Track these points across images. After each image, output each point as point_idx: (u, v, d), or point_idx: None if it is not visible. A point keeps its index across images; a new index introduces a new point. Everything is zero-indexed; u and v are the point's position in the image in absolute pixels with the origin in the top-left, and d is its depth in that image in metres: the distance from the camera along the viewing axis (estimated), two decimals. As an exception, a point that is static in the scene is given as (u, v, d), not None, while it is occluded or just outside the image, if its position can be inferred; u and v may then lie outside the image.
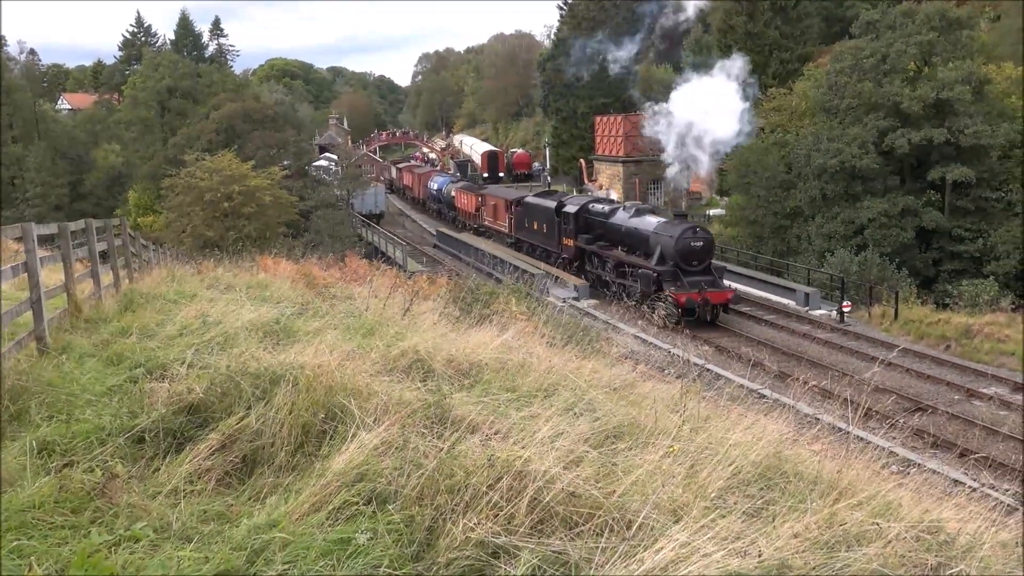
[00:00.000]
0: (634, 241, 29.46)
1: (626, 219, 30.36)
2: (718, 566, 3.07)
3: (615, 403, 6.43)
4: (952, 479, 10.73)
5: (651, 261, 27.45)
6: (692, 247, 26.81)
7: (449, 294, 12.77)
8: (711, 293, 26.38)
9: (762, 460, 5.11)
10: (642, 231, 29.00)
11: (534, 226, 37.63)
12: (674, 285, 26.30)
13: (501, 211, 42.45)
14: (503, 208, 42.09)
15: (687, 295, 25.86)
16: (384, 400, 4.99)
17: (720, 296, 26.73)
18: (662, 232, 27.64)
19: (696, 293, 25.97)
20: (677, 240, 26.63)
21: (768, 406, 8.48)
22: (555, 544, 3.53)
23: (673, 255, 26.72)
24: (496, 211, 43.40)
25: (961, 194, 34.33)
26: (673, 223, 28.02)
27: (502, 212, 42.14)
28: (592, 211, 32.92)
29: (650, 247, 27.99)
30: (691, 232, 27.10)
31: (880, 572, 3.28)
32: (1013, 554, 4.38)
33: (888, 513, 4.16)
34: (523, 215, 39.01)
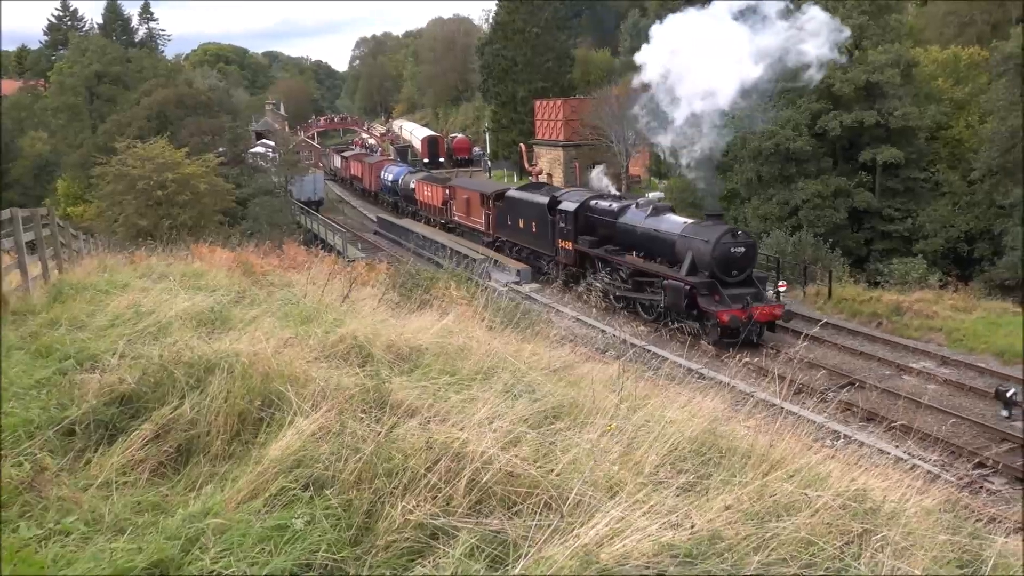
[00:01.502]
0: (654, 246, 24.80)
1: (641, 219, 25.56)
2: (652, 539, 3.14)
3: (554, 384, 6.50)
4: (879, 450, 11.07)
5: (680, 270, 22.88)
6: (732, 254, 22.21)
7: (389, 280, 12.72)
8: (758, 309, 21.76)
9: (697, 436, 5.22)
10: (665, 234, 24.29)
11: (520, 224, 32.89)
12: (712, 299, 21.88)
13: (476, 206, 38.18)
14: (478, 203, 37.84)
15: (730, 312, 21.23)
16: (322, 386, 4.96)
17: (768, 312, 22.01)
18: (694, 236, 22.99)
19: (741, 309, 21.37)
20: (715, 245, 21.96)
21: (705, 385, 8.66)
22: (493, 524, 3.56)
23: (709, 263, 22.10)
24: (470, 206, 39.09)
25: (891, 175, 35.24)
26: (706, 225, 23.38)
27: (477, 207, 38.00)
28: (596, 209, 27.96)
29: (677, 253, 23.43)
30: (731, 236, 22.39)
31: (807, 539, 3.38)
32: (936, 520, 4.56)
33: (817, 484, 4.28)
34: (505, 212, 34.39)
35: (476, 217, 38.13)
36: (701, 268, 22.39)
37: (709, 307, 21.62)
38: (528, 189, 34.67)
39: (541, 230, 30.89)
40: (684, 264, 22.74)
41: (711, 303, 21.64)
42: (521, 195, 33.77)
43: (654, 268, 24.31)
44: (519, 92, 65.24)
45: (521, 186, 36.32)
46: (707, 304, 21.71)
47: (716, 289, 21.98)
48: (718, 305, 21.54)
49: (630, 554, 3.01)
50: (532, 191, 33.73)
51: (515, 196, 34.03)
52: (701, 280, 22.16)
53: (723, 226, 23.26)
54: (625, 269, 25.50)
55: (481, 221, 37.53)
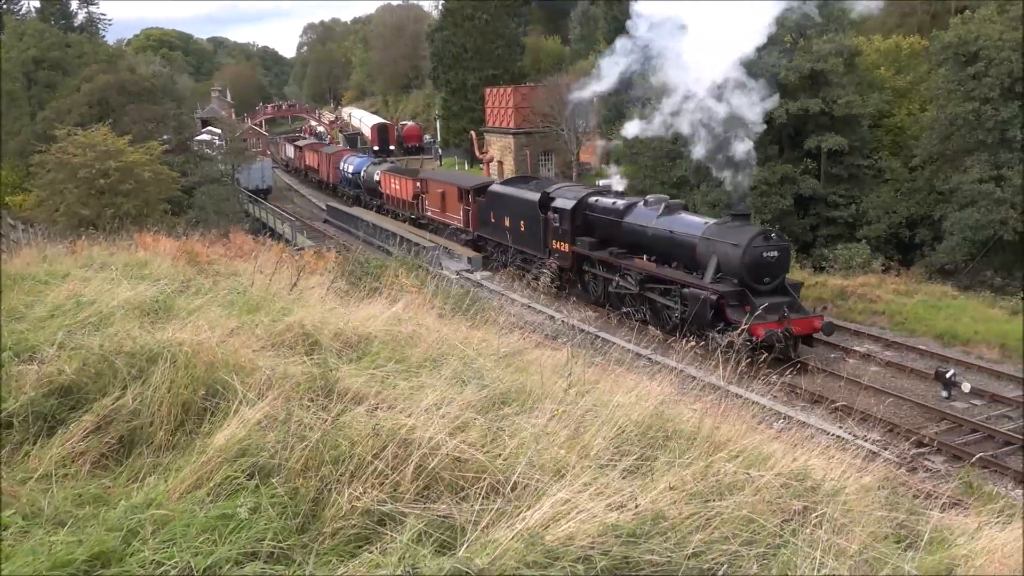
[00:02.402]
0: (668, 248, 22.39)
1: (652, 219, 22.99)
2: (596, 520, 3.18)
3: (503, 370, 6.53)
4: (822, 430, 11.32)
5: (703, 277, 20.63)
6: (765, 259, 19.80)
7: (338, 268, 12.61)
8: (795, 321, 19.49)
9: (644, 419, 5.28)
10: (683, 236, 21.82)
11: (505, 222, 29.91)
12: (741, 310, 19.22)
13: (453, 201, 35.31)
14: (456, 197, 34.96)
15: (766, 325, 18.60)
16: (268, 375, 4.92)
17: (806, 324, 19.67)
18: (719, 238, 20.58)
19: (777, 322, 18.98)
20: (746, 250, 19.61)
21: (654, 369, 8.75)
22: (441, 508, 3.58)
23: (738, 269, 19.79)
24: (446, 201, 36.20)
25: (835, 162, 35.81)
26: (732, 226, 20.81)
27: (454, 203, 35.14)
28: (597, 207, 25.41)
29: (698, 258, 21.12)
30: (762, 239, 19.98)
31: (748, 517, 3.45)
32: (874, 497, 4.68)
33: (760, 463, 4.38)
34: (488, 208, 31.60)
35: (453, 213, 35.20)
36: (727, 274, 20.05)
37: (740, 319, 18.33)
38: (515, 183, 31.64)
39: (531, 229, 28.06)
40: (708, 270, 20.35)
41: (741, 315, 18.67)
42: (507, 190, 30.70)
43: (671, 274, 21.56)
44: (469, 79, 64.96)
45: (507, 180, 33.21)
46: (737, 316, 18.85)
47: (747, 299, 19.52)
48: (750, 317, 18.29)
49: (575, 535, 3.05)
50: (520, 186, 30.86)
51: (500, 191, 31.09)
52: (730, 289, 19.70)
53: (753, 227, 20.81)
54: (634, 275, 22.87)
55: (459, 217, 34.51)
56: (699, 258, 20.98)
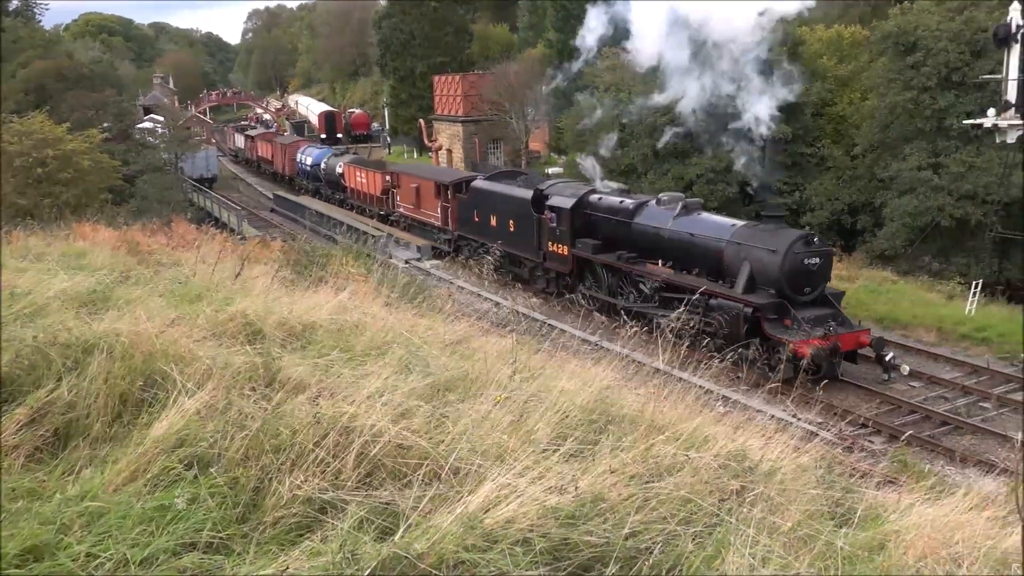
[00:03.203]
0: (688, 253, 20.03)
1: (668, 220, 20.67)
2: (536, 503, 3.21)
3: (449, 358, 6.54)
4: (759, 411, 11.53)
5: (733, 287, 18.41)
6: (806, 267, 17.68)
7: (283, 257, 12.49)
8: (843, 336, 17.20)
9: (588, 404, 5.34)
10: (705, 239, 19.54)
11: (491, 221, 27.53)
12: (781, 325, 17.34)
13: (428, 197, 32.74)
14: (432, 193, 32.35)
15: (811, 342, 16.31)
16: (208, 365, 4.86)
17: (852, 340, 17.42)
18: (752, 243, 18.37)
19: (823, 338, 16.64)
20: (785, 256, 17.44)
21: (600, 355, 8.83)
22: (383, 495, 3.58)
23: (777, 279, 17.59)
24: (420, 197, 33.56)
25: (779, 150, 36.40)
26: (766, 229, 18.63)
27: (430, 199, 32.54)
28: (601, 206, 22.98)
29: (725, 265, 18.86)
30: (803, 244, 17.84)
31: (686, 497, 3.52)
32: (811, 476, 4.79)
33: (701, 445, 4.45)
34: (471, 205, 29.13)
35: (430, 210, 32.66)
36: (762, 284, 17.92)
37: (780, 335, 16.89)
38: (501, 179, 29.22)
39: (522, 230, 25.65)
40: (739, 279, 18.13)
41: (782, 330, 17.06)
42: (493, 186, 28.21)
43: (695, 283, 18.79)
44: (418, 67, 64.57)
45: (492, 175, 30.41)
46: (776, 331, 17.10)
47: (787, 312, 17.45)
48: (792, 333, 16.81)
49: (515, 519, 3.08)
50: (507, 181, 28.51)
51: (485, 188, 28.61)
52: (767, 300, 17.53)
53: (791, 231, 18.77)
54: (649, 282, 20.60)
55: (437, 215, 32.02)
56: (727, 265, 18.71)
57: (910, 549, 3.80)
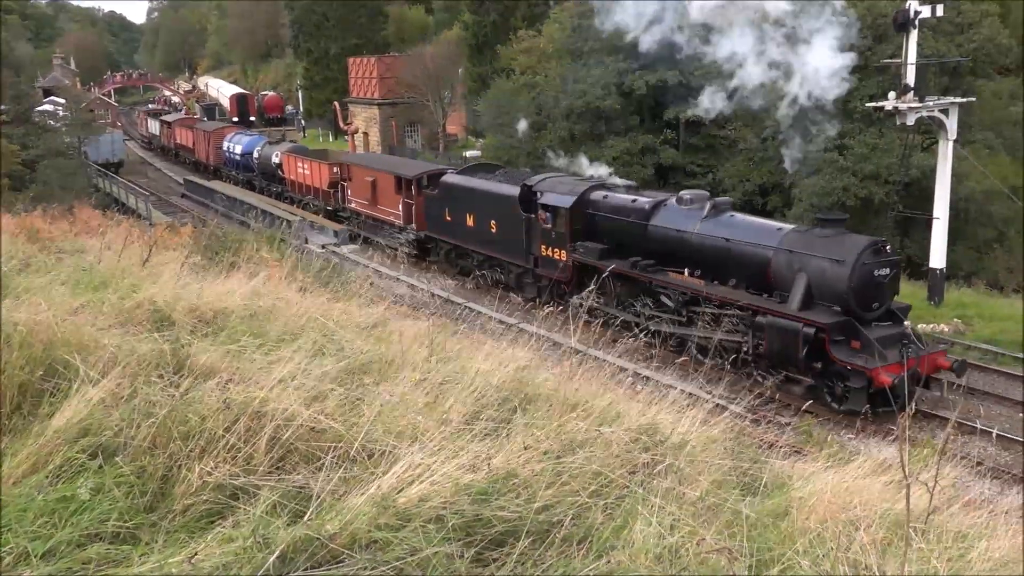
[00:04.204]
0: (722, 262, 17.25)
1: (695, 222, 17.81)
2: (449, 481, 3.23)
3: (364, 341, 6.51)
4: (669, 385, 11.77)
5: (784, 302, 15.70)
6: (876, 279, 15.13)
7: (194, 243, 12.19)
8: (920, 359, 14.83)
9: (504, 384, 5.39)
10: (746, 246, 16.77)
11: (468, 221, 24.06)
12: (849, 348, 14.81)
13: (388, 192, 29.04)
14: (393, 188, 28.62)
15: (892, 369, 14.13)
16: (113, 352, 4.73)
17: (932, 363, 15.06)
18: (809, 251, 15.71)
19: (900, 363, 14.32)
20: (855, 267, 14.88)
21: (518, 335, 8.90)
22: (296, 479, 3.56)
23: (844, 293, 14.98)
24: (377, 192, 29.78)
25: (693, 132, 37.08)
26: (825, 235, 15.73)
27: (390, 194, 28.88)
28: (606, 205, 20.11)
29: (774, 276, 16.12)
30: (873, 253, 15.16)
31: (597, 471, 3.59)
32: (720, 448, 4.94)
33: (612, 421, 4.54)
34: (442, 202, 25.56)
35: (388, 207, 29.14)
36: (821, 299, 15.34)
37: (851, 360, 14.49)
38: (478, 173, 25.74)
39: (507, 231, 22.53)
40: (794, 293, 15.49)
41: (851, 354, 14.65)
42: (469, 181, 24.66)
43: (738, 297, 16.46)
44: (332, 49, 63.65)
45: (466, 169, 27.11)
46: (846, 356, 14.63)
47: (856, 332, 14.86)
48: (866, 358, 14.38)
49: (428, 497, 3.10)
50: (485, 175, 25.03)
51: (459, 183, 25.06)
52: (835, 319, 14.89)
53: (857, 237, 16.13)
54: (675, 294, 17.85)
55: (397, 212, 28.50)
56: (776, 276, 16.04)
57: (812, 514, 3.96)
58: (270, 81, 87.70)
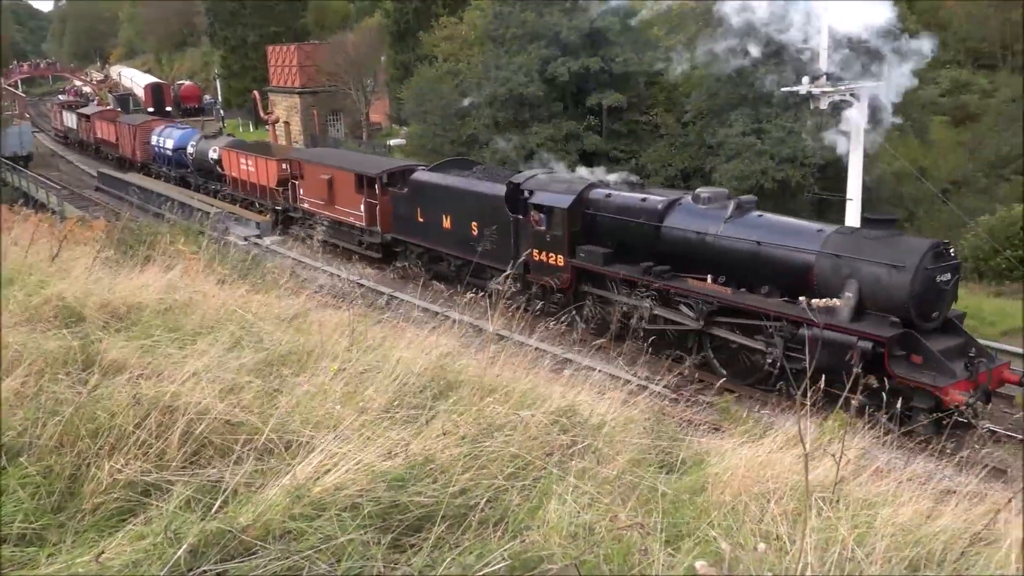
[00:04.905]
0: (753, 268, 15.68)
1: (718, 222, 16.22)
2: (366, 468, 3.23)
3: (284, 332, 6.42)
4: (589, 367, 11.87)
5: (833, 312, 13.83)
6: (938, 285, 13.80)
7: (107, 237, 11.84)
8: (985, 373, 13.35)
9: (426, 372, 5.39)
10: (781, 249, 15.23)
11: (444, 223, 22.07)
12: (909, 363, 13.38)
13: (347, 191, 26.64)
14: (353, 186, 26.25)
15: (963, 385, 12.85)
16: (18, 351, 4.58)
17: (997, 377, 13.66)
18: (860, 255, 14.19)
19: (970, 379, 13.03)
20: (916, 273, 13.46)
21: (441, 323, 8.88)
22: (211, 473, 3.50)
23: (904, 303, 13.53)
24: (335, 191, 27.26)
25: (615, 118, 37.45)
26: (876, 236, 14.30)
27: (349, 193, 26.52)
28: (611, 204, 18.33)
29: (818, 284, 14.50)
30: (934, 257, 13.75)
31: (515, 454, 3.62)
32: (639, 427, 5.03)
33: (532, 404, 4.58)
34: (413, 202, 23.38)
35: (348, 207, 26.67)
36: (875, 308, 13.88)
37: (916, 377, 13.00)
38: (452, 169, 23.64)
39: (492, 234, 19.74)
40: (844, 303, 14.00)
41: (913, 370, 13.20)
42: (444, 180, 22.52)
43: (775, 307, 14.95)
44: (250, 37, 62.39)
45: (438, 165, 24.75)
46: (908, 372, 13.15)
47: (919, 345, 13.39)
48: (933, 374, 12.90)
49: (344, 485, 3.08)
50: (460, 172, 23.00)
51: (432, 181, 22.83)
52: (895, 332, 13.40)
53: (915, 240, 15.10)
54: (699, 304, 16.18)
55: (359, 213, 26.06)
56: (820, 283, 14.47)
57: (727, 488, 4.07)
58: (186, 70, 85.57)
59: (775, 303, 15.07)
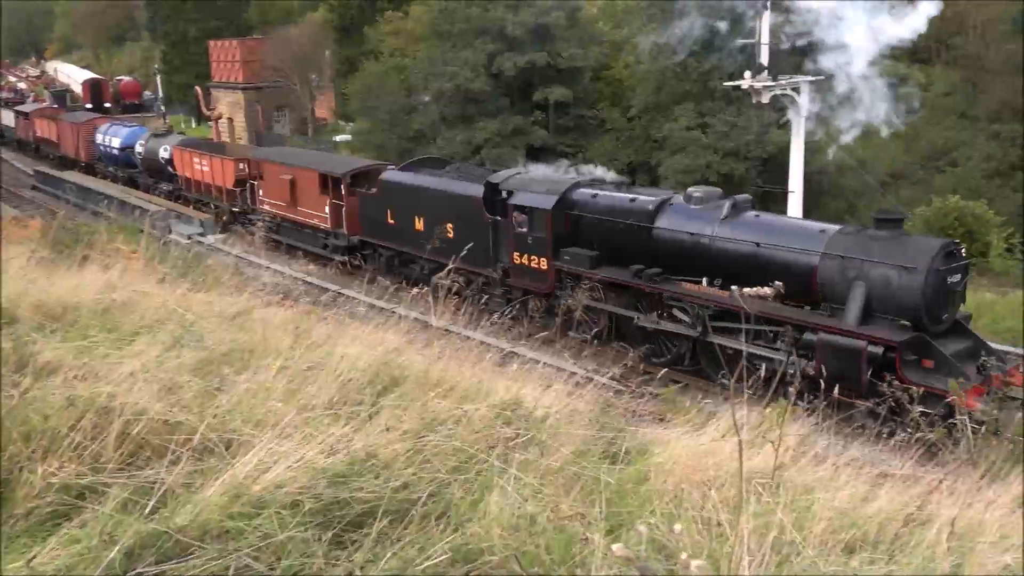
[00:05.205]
0: (752, 271, 14.99)
1: (713, 223, 15.63)
2: (307, 466, 3.20)
3: (226, 331, 6.34)
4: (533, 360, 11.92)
5: (835, 315, 13.83)
6: (949, 287, 13.47)
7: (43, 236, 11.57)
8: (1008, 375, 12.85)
9: (371, 368, 5.36)
10: (782, 251, 14.70)
11: (416, 225, 20.88)
12: (920, 368, 12.95)
13: (310, 192, 25.31)
14: (317, 187, 24.94)
15: (978, 391, 12.19)
16: (-56, 355, 4.46)
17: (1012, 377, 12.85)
18: (868, 256, 13.70)
19: (984, 383, 12.55)
20: (928, 275, 13.06)
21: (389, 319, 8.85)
22: (148, 475, 3.45)
23: (915, 305, 13.10)
24: (298, 191, 25.88)
25: (562, 113, 37.62)
26: (883, 237, 13.81)
27: (313, 194, 25.17)
28: (598, 206, 17.53)
29: (822, 286, 14.15)
30: (944, 256, 13.39)
31: (458, 448, 3.63)
32: (582, 419, 5.06)
33: (476, 398, 4.59)
34: (382, 203, 22.33)
35: (312, 208, 25.33)
36: (884, 311, 13.45)
37: (929, 383, 12.37)
38: (424, 169, 22.49)
39: (469, 236, 17.82)
40: (850, 306, 13.58)
41: (925, 375, 12.74)
42: (417, 179, 21.53)
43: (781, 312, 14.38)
44: (191, 31, 61.26)
45: (409, 164, 23.57)
46: (920, 378, 12.56)
47: (929, 349, 12.98)
48: (945, 379, 12.13)
49: (284, 483, 3.06)
50: (433, 172, 21.94)
51: (403, 181, 21.85)
52: (906, 336, 12.99)
53: (925, 239, 14.74)
54: (696, 308, 15.54)
55: (323, 215, 24.84)
56: (824, 286, 14.09)
57: (670, 477, 4.12)
58: (125, 66, 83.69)
59: (783, 308, 14.46)
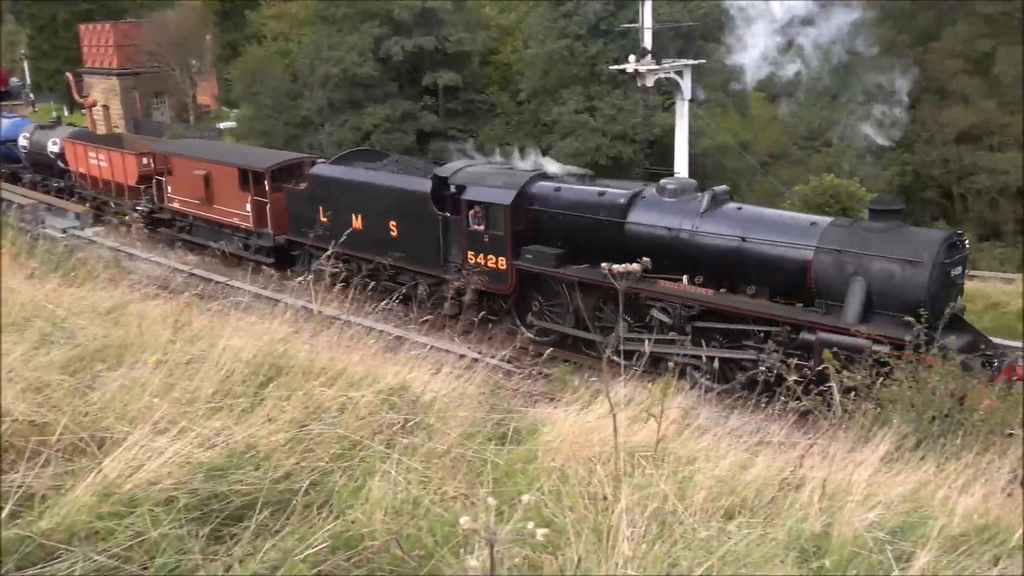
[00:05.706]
0: (738, 267, 14.43)
1: (693, 217, 14.77)
2: (182, 460, 3.11)
3: (100, 326, 6.09)
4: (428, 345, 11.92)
5: (832, 313, 13.27)
6: (951, 280, 13.04)
7: (-103, 233, 10.83)
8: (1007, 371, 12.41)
9: (255, 359, 5.23)
10: (770, 246, 13.98)
11: (355, 222, 18.72)
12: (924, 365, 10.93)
13: (229, 189, 23.31)
14: (236, 183, 23.00)
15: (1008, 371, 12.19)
16: None
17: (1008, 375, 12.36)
18: (867, 250, 13.14)
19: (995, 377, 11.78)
20: (934, 269, 12.61)
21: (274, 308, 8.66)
22: (12, 478, 3.28)
23: (921, 300, 12.09)
24: (214, 188, 23.75)
25: (452, 97, 37.48)
26: (882, 229, 13.23)
27: (231, 191, 23.23)
28: (563, 200, 16.41)
29: (816, 283, 13.50)
30: (948, 249, 12.90)
31: (343, 435, 3.58)
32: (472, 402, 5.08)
33: (361, 384, 4.54)
34: (314, 199, 20.39)
35: (230, 206, 23.29)
36: (885, 308, 12.88)
37: None
38: (358, 161, 20.98)
39: (416, 235, 18.19)
40: (849, 302, 12.98)
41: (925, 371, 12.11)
42: (352, 173, 19.98)
43: (772, 311, 13.90)
44: (60, 14, 58.29)
45: (342, 157, 21.95)
46: None
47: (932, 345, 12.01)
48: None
49: (158, 479, 2.96)
50: (371, 165, 20.34)
51: (337, 175, 20.15)
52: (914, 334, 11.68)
53: (927, 231, 14.28)
54: (674, 309, 14.79)
55: (244, 213, 22.85)
56: (819, 282, 13.45)
57: (557, 455, 4.18)
58: (-12, 50, 79.08)
59: (773, 306, 13.98)
